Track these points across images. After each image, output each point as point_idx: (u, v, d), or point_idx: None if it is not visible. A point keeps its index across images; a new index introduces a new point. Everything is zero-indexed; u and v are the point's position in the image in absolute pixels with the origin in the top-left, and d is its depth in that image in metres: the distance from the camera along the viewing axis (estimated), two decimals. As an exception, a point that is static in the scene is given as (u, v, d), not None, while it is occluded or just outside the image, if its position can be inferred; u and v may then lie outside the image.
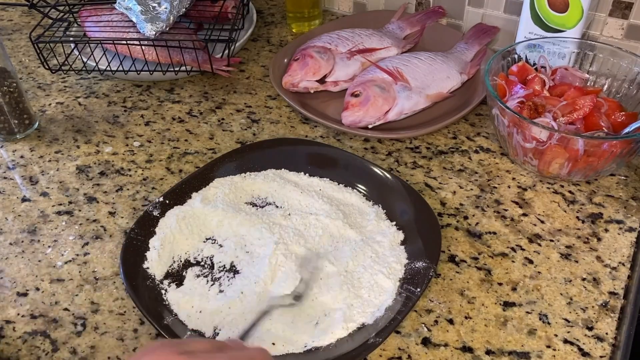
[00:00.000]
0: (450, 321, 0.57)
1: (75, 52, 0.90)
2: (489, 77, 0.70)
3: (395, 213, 0.66)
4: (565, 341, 0.55)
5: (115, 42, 0.85)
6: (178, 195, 0.67)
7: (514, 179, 0.72)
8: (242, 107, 0.86)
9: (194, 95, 0.88)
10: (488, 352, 0.54)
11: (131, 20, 0.86)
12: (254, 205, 0.68)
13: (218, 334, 0.55)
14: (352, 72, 0.86)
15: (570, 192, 0.70)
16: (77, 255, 0.65)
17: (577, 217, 0.67)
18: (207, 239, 0.64)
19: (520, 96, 0.71)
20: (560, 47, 0.77)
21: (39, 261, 0.64)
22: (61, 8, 0.94)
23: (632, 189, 0.70)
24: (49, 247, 0.66)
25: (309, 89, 0.85)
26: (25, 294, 0.61)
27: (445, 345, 0.55)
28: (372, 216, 0.65)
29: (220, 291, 0.59)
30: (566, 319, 0.57)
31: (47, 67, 0.86)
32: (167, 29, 0.84)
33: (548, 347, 0.55)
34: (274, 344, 0.54)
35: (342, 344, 0.54)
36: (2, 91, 0.77)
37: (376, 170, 0.70)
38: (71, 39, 0.90)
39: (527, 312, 0.57)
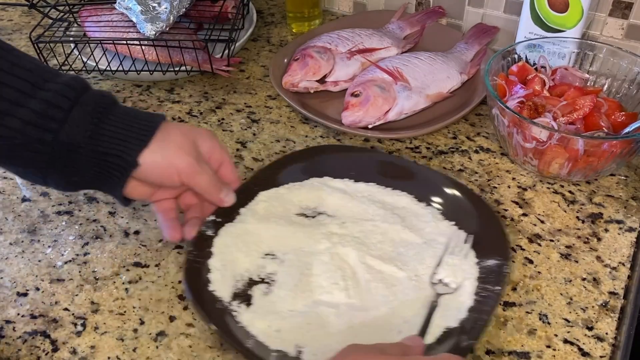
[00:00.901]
0: (450, 321, 0.57)
1: (75, 52, 0.90)
2: (489, 77, 0.70)
3: (449, 211, 0.64)
4: (565, 341, 0.55)
5: (115, 42, 0.85)
6: (227, 213, 0.62)
7: (514, 179, 0.72)
8: (242, 107, 0.86)
9: (194, 95, 0.88)
10: (488, 352, 0.54)
11: (131, 20, 0.86)
12: (305, 216, 0.65)
13: (301, 352, 0.52)
14: (352, 72, 0.86)
15: (570, 192, 0.70)
16: (77, 255, 0.65)
17: (577, 217, 0.67)
18: (266, 255, 0.61)
19: (520, 96, 0.71)
20: (560, 47, 0.77)
21: (39, 261, 0.64)
22: (61, 8, 0.94)
23: (632, 189, 0.70)
24: (49, 247, 0.66)
25: (309, 89, 0.85)
26: (25, 294, 0.61)
27: (445, 345, 0.55)
28: (429, 217, 0.63)
29: (291, 309, 0.55)
30: (566, 319, 0.57)
31: (47, 67, 0.86)
32: (167, 29, 0.84)
33: (548, 347, 0.55)
34: None
35: (430, 350, 0.51)
36: (2, 91, 0.77)
37: (420, 168, 0.69)
38: (71, 39, 0.90)
39: (527, 312, 0.57)
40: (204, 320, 0.54)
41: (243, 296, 0.57)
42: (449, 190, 0.66)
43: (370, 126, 0.78)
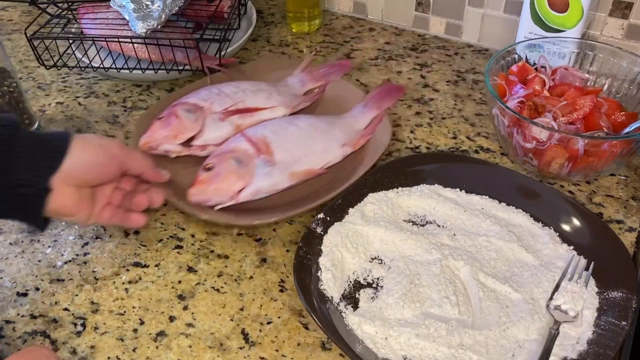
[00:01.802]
0: (451, 321, 0.57)
1: (71, 49, 0.90)
2: (489, 77, 0.70)
3: (568, 235, 0.61)
4: (566, 341, 0.55)
5: (107, 39, 0.85)
6: (336, 211, 0.64)
7: (514, 179, 0.72)
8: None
9: (194, 95, 0.88)
10: (488, 352, 0.54)
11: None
12: (413, 223, 0.64)
13: None
14: (223, 135, 0.74)
15: (570, 192, 0.70)
16: (77, 255, 0.65)
17: (577, 217, 0.67)
18: (372, 259, 0.61)
19: (520, 96, 0.71)
20: (560, 47, 0.77)
21: (39, 261, 0.64)
22: (60, 5, 0.94)
23: (632, 189, 0.70)
24: (49, 247, 0.66)
25: (169, 152, 0.73)
26: (25, 294, 0.61)
27: (446, 345, 0.55)
28: (547, 239, 0.61)
29: (399, 318, 0.54)
30: (566, 319, 0.57)
31: (41, 62, 0.86)
32: (159, 27, 0.84)
33: (548, 347, 0.54)
34: None
35: None
36: (2, 91, 0.77)
37: (538, 185, 0.65)
38: (68, 35, 0.90)
39: (527, 312, 0.57)
40: (314, 318, 0.53)
41: (350, 298, 0.57)
42: (569, 212, 0.63)
43: (219, 206, 0.66)
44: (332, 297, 0.57)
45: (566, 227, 0.62)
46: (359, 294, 0.58)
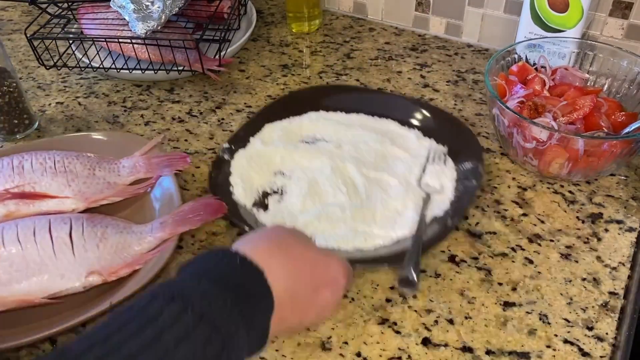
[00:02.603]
0: (451, 321, 0.57)
1: (71, 49, 0.90)
2: (489, 77, 0.70)
3: (428, 131, 0.77)
4: (565, 341, 0.55)
5: (107, 39, 0.85)
6: (240, 140, 0.75)
7: (514, 179, 0.72)
8: (242, 107, 0.86)
9: (193, 95, 0.88)
10: (488, 352, 0.54)
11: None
12: (306, 142, 0.77)
13: (314, 240, 0.60)
14: None
15: (570, 192, 0.70)
16: (77, 255, 0.65)
17: (577, 217, 0.67)
18: (275, 173, 0.73)
19: (520, 96, 0.71)
20: (560, 47, 0.77)
21: (39, 261, 0.64)
22: (60, 5, 0.94)
23: (632, 189, 0.70)
24: (49, 247, 0.66)
25: None
26: (25, 294, 0.61)
27: (446, 345, 0.55)
28: (413, 137, 0.76)
29: (303, 210, 0.67)
30: (566, 319, 0.57)
31: (41, 62, 0.86)
32: (159, 28, 0.84)
33: (548, 347, 0.55)
34: (365, 239, 0.64)
35: (422, 231, 0.63)
36: (2, 91, 0.77)
37: (394, 97, 0.83)
38: (68, 35, 0.90)
39: (527, 312, 0.57)
40: (234, 218, 0.65)
41: (260, 204, 0.69)
42: (425, 112, 0.79)
43: None
44: (245, 205, 0.68)
45: (426, 126, 0.78)
46: (267, 200, 0.69)
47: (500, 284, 0.60)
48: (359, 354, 0.54)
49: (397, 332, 0.56)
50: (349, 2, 1.06)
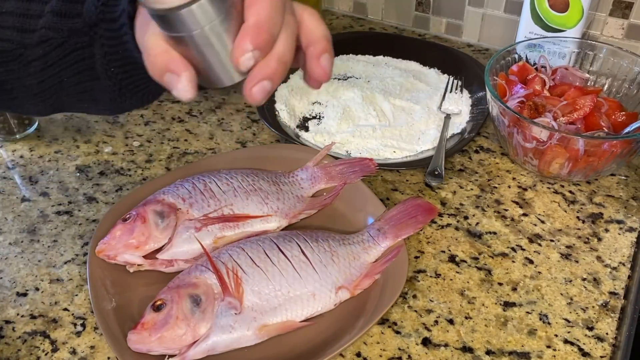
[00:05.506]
0: (451, 321, 0.57)
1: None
2: (489, 77, 0.70)
3: (446, 69, 0.90)
4: (566, 341, 0.55)
5: None
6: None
7: (514, 179, 0.72)
8: (242, 107, 0.86)
9: (193, 95, 0.88)
10: (488, 352, 0.54)
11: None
12: (339, 79, 0.89)
13: (349, 153, 0.75)
14: (197, 250, 0.58)
15: (570, 192, 0.70)
16: (77, 255, 0.65)
17: (578, 217, 0.67)
18: (313, 103, 0.84)
19: (521, 96, 0.71)
20: (560, 47, 0.77)
21: (39, 261, 0.64)
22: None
23: (632, 189, 0.70)
24: (49, 247, 0.66)
25: (129, 265, 0.59)
26: (25, 294, 0.61)
27: (446, 345, 0.55)
28: (434, 73, 0.90)
29: (339, 130, 0.78)
30: (566, 319, 0.57)
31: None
32: None
33: (548, 347, 0.55)
34: (394, 152, 0.75)
35: (444, 140, 0.75)
36: (2, 91, 0.77)
37: (418, 41, 0.97)
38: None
39: (528, 312, 0.57)
40: (282, 136, 0.76)
41: (302, 127, 0.81)
42: (444, 55, 0.91)
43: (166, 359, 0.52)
44: (290, 126, 0.80)
45: (444, 65, 0.90)
46: (308, 123, 0.81)
47: (500, 284, 0.60)
48: (358, 354, 0.54)
49: (397, 332, 0.56)
50: (349, 2, 1.06)
